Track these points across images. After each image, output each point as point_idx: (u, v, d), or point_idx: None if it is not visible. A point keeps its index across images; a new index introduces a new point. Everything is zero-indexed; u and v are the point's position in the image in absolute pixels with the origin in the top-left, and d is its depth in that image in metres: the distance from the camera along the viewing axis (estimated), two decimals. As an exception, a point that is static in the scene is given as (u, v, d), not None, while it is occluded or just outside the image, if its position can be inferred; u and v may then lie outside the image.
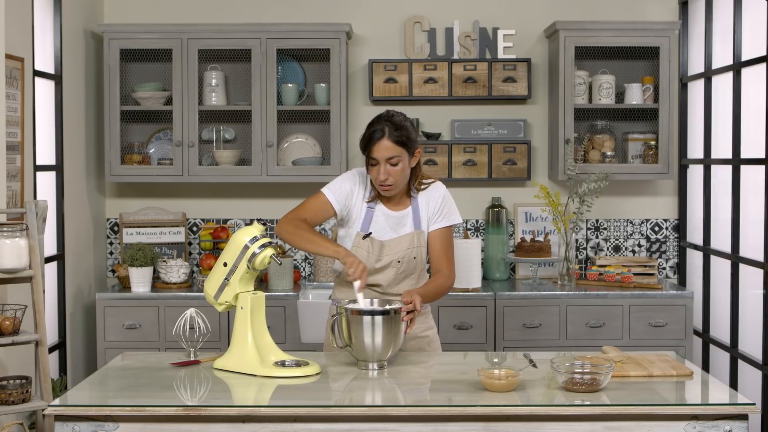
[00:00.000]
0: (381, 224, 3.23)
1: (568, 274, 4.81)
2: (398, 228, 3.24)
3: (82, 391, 2.67)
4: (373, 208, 3.24)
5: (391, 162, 3.12)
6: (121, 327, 4.58)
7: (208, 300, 2.96)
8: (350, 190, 3.24)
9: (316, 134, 5.04)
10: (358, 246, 3.21)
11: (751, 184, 4.30)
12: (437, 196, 3.27)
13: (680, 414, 2.48)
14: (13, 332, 3.43)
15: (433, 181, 3.30)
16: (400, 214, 3.24)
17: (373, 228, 3.22)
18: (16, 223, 3.59)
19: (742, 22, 4.38)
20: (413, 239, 3.23)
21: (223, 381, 2.79)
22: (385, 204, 3.24)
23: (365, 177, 3.27)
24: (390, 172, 3.12)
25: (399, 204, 3.25)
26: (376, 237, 3.21)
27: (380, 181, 3.14)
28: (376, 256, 3.20)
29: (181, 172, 4.81)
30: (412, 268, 3.25)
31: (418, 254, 3.24)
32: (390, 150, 3.10)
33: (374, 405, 2.51)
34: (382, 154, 3.10)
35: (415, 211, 3.25)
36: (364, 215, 3.23)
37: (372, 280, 3.21)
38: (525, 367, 2.79)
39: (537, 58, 5.09)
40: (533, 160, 5.09)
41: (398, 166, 3.13)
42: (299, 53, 4.97)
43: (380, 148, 3.10)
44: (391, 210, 3.24)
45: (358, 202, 3.24)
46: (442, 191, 3.29)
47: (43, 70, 4.36)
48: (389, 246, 3.21)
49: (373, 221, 3.23)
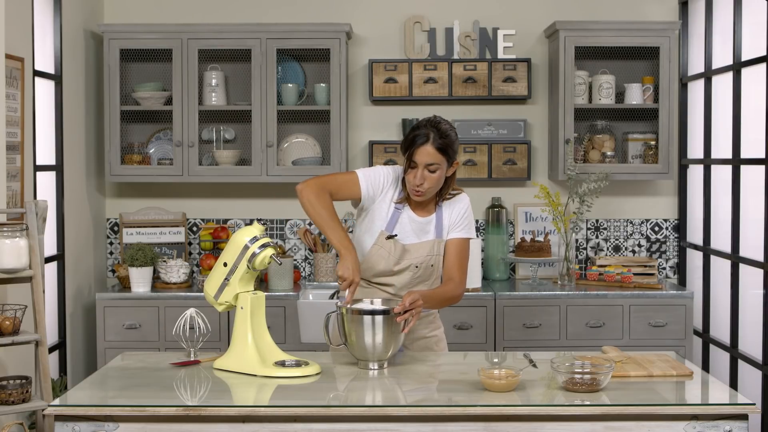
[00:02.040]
0: (405, 227, 3.21)
1: (568, 274, 4.81)
2: (421, 234, 3.22)
3: (82, 391, 2.67)
4: (401, 210, 3.21)
5: (430, 168, 3.09)
6: (121, 327, 4.58)
7: (208, 300, 2.95)
8: (383, 184, 3.21)
9: (316, 134, 5.04)
10: (380, 245, 3.19)
11: (751, 184, 4.30)
12: (462, 207, 3.25)
13: (680, 414, 2.47)
14: (13, 332, 3.43)
15: (460, 192, 3.28)
16: (425, 220, 3.22)
17: (398, 230, 3.20)
18: (16, 223, 3.59)
19: (742, 22, 4.38)
20: (434, 247, 3.21)
21: (223, 381, 2.79)
22: (412, 208, 3.22)
23: (399, 177, 3.24)
24: (426, 177, 3.10)
25: (425, 210, 3.23)
26: (399, 240, 3.19)
27: (415, 186, 3.11)
28: (396, 258, 3.18)
29: (181, 172, 4.81)
30: (428, 275, 3.24)
31: (436, 262, 3.23)
32: (431, 156, 3.07)
33: (374, 405, 2.51)
34: (422, 159, 3.08)
35: (439, 219, 3.24)
36: (391, 215, 3.20)
37: (387, 281, 3.21)
38: (525, 367, 2.79)
39: (537, 58, 5.09)
40: (533, 160, 5.09)
41: (436, 174, 3.11)
42: (299, 53, 4.97)
43: (422, 153, 3.07)
44: (417, 215, 3.22)
45: (386, 200, 3.21)
46: (467, 203, 3.28)
47: (43, 70, 4.36)
48: (411, 250, 3.20)
49: (398, 223, 3.21)
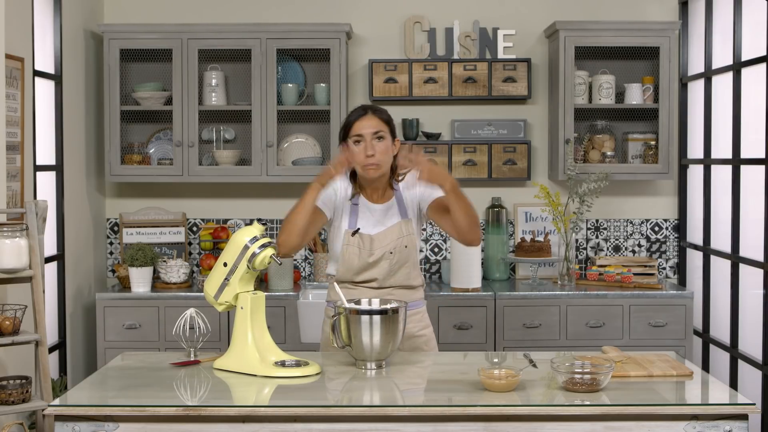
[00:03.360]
0: (367, 218, 3.23)
1: (568, 274, 4.81)
2: (385, 220, 3.23)
3: (82, 391, 2.67)
4: (357, 203, 3.23)
5: (378, 136, 3.13)
6: (121, 327, 4.58)
7: (208, 300, 2.95)
8: (332, 191, 3.23)
9: (316, 134, 5.04)
10: (348, 243, 3.20)
11: (751, 184, 4.30)
12: (415, 177, 3.23)
13: (680, 414, 2.47)
14: (13, 332, 3.43)
15: (410, 169, 3.28)
16: (385, 206, 3.24)
17: (360, 223, 3.22)
18: (16, 223, 3.59)
19: (742, 22, 4.38)
20: (401, 228, 3.22)
21: (223, 381, 2.79)
22: (368, 198, 3.24)
23: (346, 174, 3.25)
24: (376, 147, 3.13)
25: (383, 197, 3.25)
26: (364, 232, 3.21)
27: (366, 158, 3.13)
28: (368, 250, 3.20)
29: (181, 172, 4.81)
30: (405, 257, 3.24)
31: (408, 242, 3.23)
32: (375, 125, 3.14)
33: (374, 405, 2.51)
34: (366, 129, 3.13)
35: (400, 201, 3.25)
36: (350, 211, 3.23)
37: (367, 276, 3.22)
38: (525, 367, 2.79)
39: (537, 58, 5.09)
40: (533, 160, 5.09)
41: (383, 143, 3.14)
42: (299, 53, 4.97)
43: (364, 124, 3.14)
44: (375, 203, 3.24)
45: (343, 200, 3.24)
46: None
47: (43, 70, 4.36)
48: (379, 239, 3.21)
49: (359, 217, 3.23)
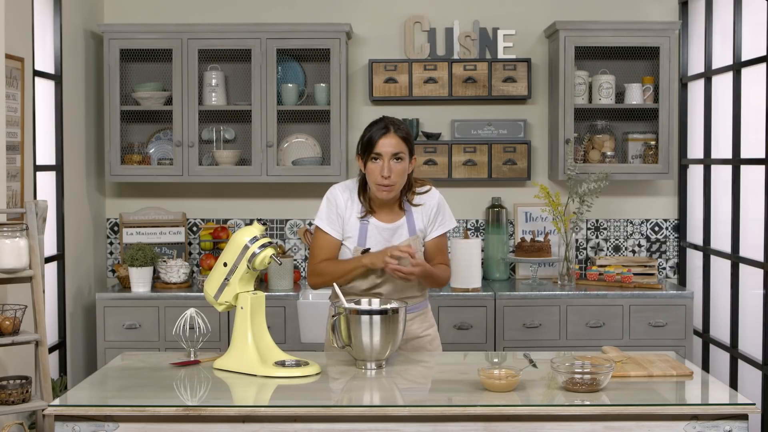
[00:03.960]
0: (376, 238, 3.19)
1: (568, 274, 4.81)
2: (393, 239, 3.20)
3: (82, 391, 2.67)
4: (367, 222, 3.20)
5: (397, 157, 3.09)
6: (121, 327, 4.58)
7: (208, 300, 2.95)
8: (341, 213, 3.20)
9: (316, 134, 5.04)
10: None
11: (751, 184, 4.30)
12: (432, 205, 3.24)
13: (680, 414, 2.47)
14: (13, 332, 3.43)
15: (428, 190, 3.26)
16: (394, 226, 3.21)
17: (369, 243, 3.19)
18: (16, 223, 3.59)
19: (742, 22, 4.38)
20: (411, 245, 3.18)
21: (223, 381, 2.79)
22: (377, 217, 3.20)
23: (351, 190, 3.22)
24: (393, 169, 3.09)
25: (392, 215, 3.22)
26: (374, 251, 3.17)
27: (382, 179, 3.09)
28: (378, 271, 3.17)
29: (181, 172, 4.81)
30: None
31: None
32: (396, 145, 3.09)
33: (374, 405, 2.51)
34: (387, 149, 3.08)
35: (410, 221, 3.22)
36: (359, 230, 3.19)
37: (375, 291, 3.20)
38: (525, 367, 2.79)
39: (537, 58, 5.09)
40: (533, 160, 5.09)
41: (401, 164, 3.10)
42: (299, 53, 4.97)
43: (386, 143, 3.08)
44: (384, 223, 3.20)
45: (352, 218, 3.20)
46: (437, 199, 3.26)
47: (43, 70, 4.36)
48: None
49: (368, 236, 3.19)
